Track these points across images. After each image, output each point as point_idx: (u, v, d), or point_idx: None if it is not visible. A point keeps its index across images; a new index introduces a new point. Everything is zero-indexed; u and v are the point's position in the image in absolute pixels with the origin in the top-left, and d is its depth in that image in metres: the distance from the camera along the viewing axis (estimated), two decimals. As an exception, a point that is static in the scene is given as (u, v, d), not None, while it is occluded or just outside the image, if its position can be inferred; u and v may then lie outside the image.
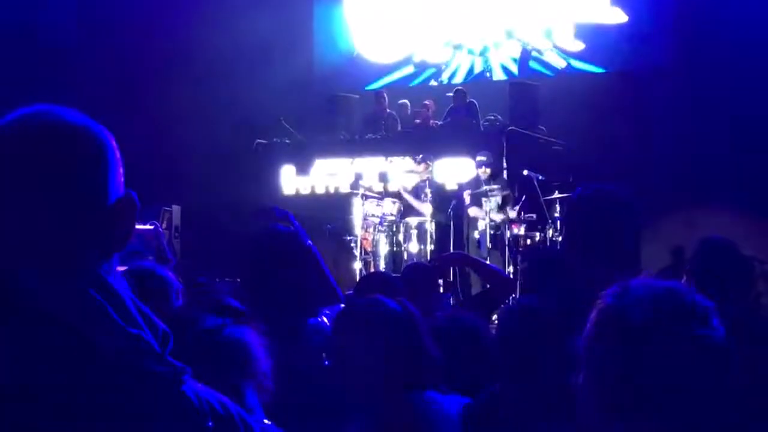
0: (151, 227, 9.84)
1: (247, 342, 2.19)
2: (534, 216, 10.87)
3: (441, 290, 7.45)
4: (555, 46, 14.27)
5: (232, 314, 2.26)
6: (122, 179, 1.39)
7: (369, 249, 11.18)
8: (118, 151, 1.39)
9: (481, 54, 14.92)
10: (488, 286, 5.00)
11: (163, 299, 3.13)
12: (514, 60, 14.69)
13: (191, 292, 3.42)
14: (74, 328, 1.24)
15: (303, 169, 13.34)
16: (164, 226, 11.10)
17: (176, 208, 12.02)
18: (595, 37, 13.88)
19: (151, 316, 1.35)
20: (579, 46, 14.06)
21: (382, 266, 10.84)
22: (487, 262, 10.28)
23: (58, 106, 1.37)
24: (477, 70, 14.99)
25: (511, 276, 9.21)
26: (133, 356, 1.27)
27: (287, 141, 13.66)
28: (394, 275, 5.60)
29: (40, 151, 1.31)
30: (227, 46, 13.43)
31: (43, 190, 1.29)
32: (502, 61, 14.79)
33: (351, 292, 4.76)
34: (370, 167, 12.96)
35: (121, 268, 3.20)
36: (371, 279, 5.19)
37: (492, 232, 10.89)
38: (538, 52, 14.46)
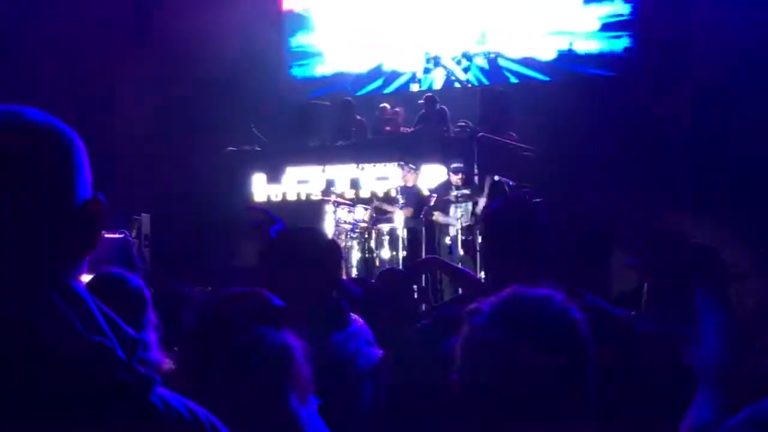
0: (121, 236, 9.78)
1: (290, 346, 2.17)
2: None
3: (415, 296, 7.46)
4: (527, 54, 14.34)
5: (274, 317, 2.24)
6: (90, 181, 1.36)
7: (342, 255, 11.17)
8: (85, 151, 1.36)
9: (453, 60, 14.96)
10: (460, 290, 5.03)
11: (135, 306, 3.11)
12: (484, 66, 14.74)
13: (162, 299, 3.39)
14: (35, 336, 1.21)
15: (274, 176, 13.31)
16: (134, 234, 11.03)
17: (146, 217, 11.94)
18: (566, 43, 13.98)
19: (119, 324, 1.32)
20: (550, 53, 14.13)
21: (354, 273, 10.82)
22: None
23: (23, 106, 1.34)
24: (447, 76, 15.03)
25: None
26: (96, 364, 1.23)
27: (258, 148, 13.62)
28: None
29: (7, 152, 1.27)
30: (199, 53, 13.37)
31: (6, 191, 1.25)
32: (472, 68, 14.83)
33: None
34: (341, 174, 12.96)
35: (88, 276, 3.18)
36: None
37: (463, 237, 10.91)
38: (509, 58, 14.52)
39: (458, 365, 1.77)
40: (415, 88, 15.04)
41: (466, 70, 14.82)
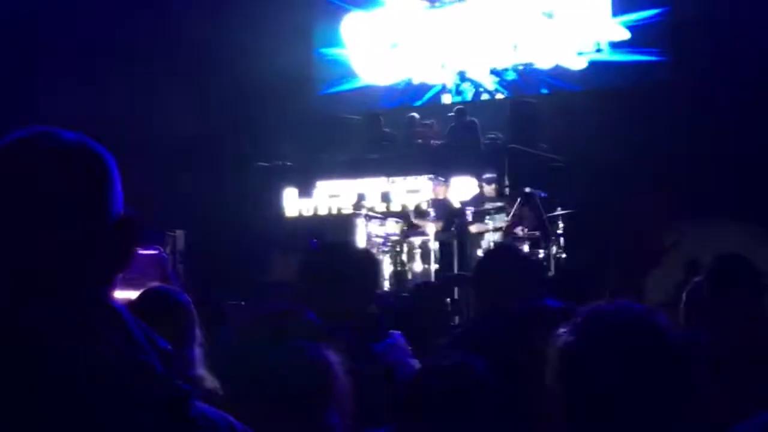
0: (156, 252, 9.86)
1: (329, 363, 2.19)
2: (537, 233, 10.88)
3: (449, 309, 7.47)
4: (557, 64, 14.30)
5: (312, 333, 2.26)
6: (122, 198, 1.38)
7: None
8: (117, 170, 1.38)
9: (482, 73, 14.96)
10: None
11: (181, 322, 3.13)
12: (514, 78, 14.72)
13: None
14: (73, 354, 1.22)
15: (305, 191, 13.36)
16: (168, 250, 11.11)
17: (180, 233, 12.04)
18: (596, 53, 13.94)
19: (156, 339, 1.34)
20: (581, 63, 14.09)
21: (386, 286, 10.83)
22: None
23: (54, 127, 1.36)
24: (476, 88, 15.03)
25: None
26: (135, 381, 1.25)
27: (289, 163, 13.68)
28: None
29: (40, 173, 1.30)
30: (231, 69, 13.48)
31: (44, 213, 1.28)
32: (501, 80, 14.82)
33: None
34: (372, 187, 12.98)
35: (135, 292, 3.23)
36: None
37: (496, 249, 10.86)
38: (539, 69, 14.49)
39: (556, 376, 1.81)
40: (447, 99, 15.04)
41: (496, 82, 14.82)
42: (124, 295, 3.20)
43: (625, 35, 13.71)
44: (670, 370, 1.73)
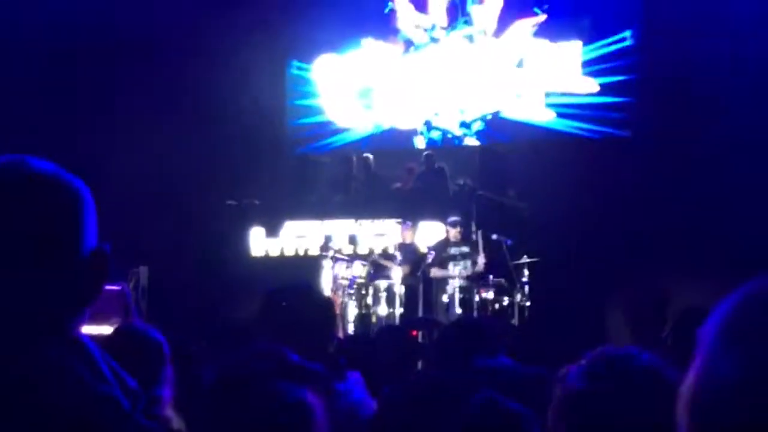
0: (118, 288, 9.76)
1: (311, 406, 2.17)
2: (503, 280, 10.92)
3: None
4: (527, 114, 14.46)
5: (298, 375, 2.25)
6: (96, 231, 1.37)
7: (338, 312, 11.14)
8: (92, 202, 1.37)
9: (452, 120, 15.07)
10: None
11: (154, 361, 3.10)
12: (483, 126, 14.84)
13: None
14: (39, 387, 1.22)
15: (272, 230, 13.32)
16: (132, 286, 11.02)
17: (144, 269, 11.94)
18: (565, 105, 14.11)
19: (123, 375, 1.33)
20: (550, 114, 14.25)
21: (350, 329, 10.79)
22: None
23: (28, 156, 1.34)
24: (443, 135, 15.14)
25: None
26: (100, 416, 1.23)
27: (257, 202, 13.65)
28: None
29: (14, 203, 1.28)
30: (201, 107, 13.47)
31: (13, 242, 1.26)
32: (472, 127, 14.94)
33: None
34: (339, 229, 12.97)
35: (96, 327, 3.19)
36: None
37: (461, 295, 10.89)
38: (508, 119, 14.64)
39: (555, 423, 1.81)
40: (419, 143, 15.13)
41: (466, 129, 14.95)
42: (85, 330, 3.16)
43: (594, 88, 13.90)
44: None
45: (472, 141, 14.77)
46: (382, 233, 12.58)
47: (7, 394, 1.20)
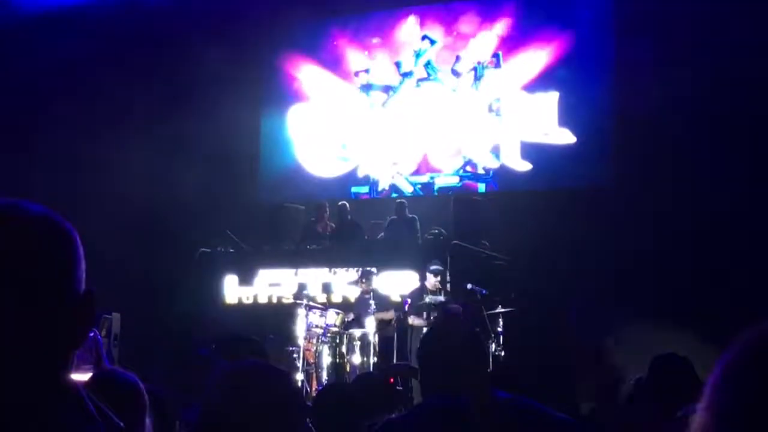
0: (91, 334, 9.67)
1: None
2: (477, 329, 10.89)
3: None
4: (502, 164, 14.61)
5: None
6: (84, 274, 1.37)
7: (312, 360, 11.08)
8: (80, 245, 1.37)
9: (427, 169, 15.19)
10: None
11: (133, 408, 3.06)
12: (458, 175, 14.97)
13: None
14: (28, 426, 1.22)
15: (246, 278, 13.26)
16: (103, 333, 10.92)
17: (116, 316, 11.85)
18: (541, 156, 14.27)
19: (109, 414, 1.34)
20: (526, 165, 14.39)
21: (324, 378, 10.72)
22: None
23: (19, 199, 1.34)
24: (421, 184, 15.24)
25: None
26: None
27: (231, 250, 13.61)
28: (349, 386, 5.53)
29: (6, 246, 1.28)
30: (173, 156, 13.47)
31: (9, 288, 1.26)
32: (446, 176, 15.05)
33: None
34: (313, 278, 12.94)
35: (80, 375, 3.16)
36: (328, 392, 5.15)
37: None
38: (483, 169, 14.78)
39: None
40: (405, 187, 15.25)
41: (440, 178, 15.07)
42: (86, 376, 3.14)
43: (571, 139, 14.06)
44: None
45: (446, 191, 14.89)
46: (355, 281, 12.54)
47: None
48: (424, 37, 15.58)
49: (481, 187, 14.70)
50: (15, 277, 1.27)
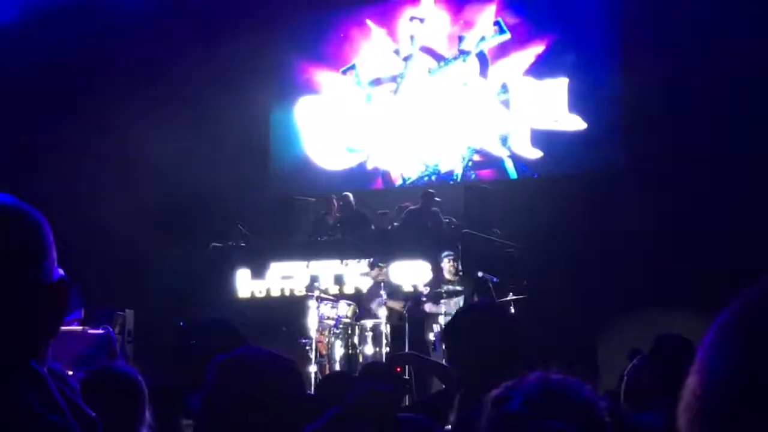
0: (104, 331, 9.72)
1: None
2: (513, 314, 10.89)
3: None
4: (513, 152, 14.56)
5: None
6: (55, 262, 1.36)
7: (324, 352, 11.10)
8: (51, 233, 1.36)
9: (438, 158, 15.16)
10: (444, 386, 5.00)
11: (131, 402, 3.08)
12: (469, 164, 14.94)
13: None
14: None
15: (258, 272, 13.29)
16: (117, 330, 10.95)
17: (129, 313, 11.87)
18: (551, 142, 14.21)
19: (81, 405, 1.34)
20: (536, 153, 14.35)
21: (337, 369, 10.73)
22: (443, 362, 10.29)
23: None
24: (432, 174, 15.22)
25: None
26: None
27: (242, 244, 13.64)
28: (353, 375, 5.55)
29: None
30: (186, 150, 13.49)
31: None
32: (457, 164, 15.02)
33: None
34: (325, 270, 12.97)
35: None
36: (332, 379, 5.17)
37: (448, 334, 10.81)
38: (494, 156, 14.74)
39: None
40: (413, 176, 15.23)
41: (452, 167, 15.04)
42: (71, 373, 3.15)
43: (581, 125, 14.01)
44: None
45: (458, 180, 14.88)
46: (367, 272, 12.55)
47: None
48: (411, 18, 15.55)
49: (512, 173, 14.56)
50: None
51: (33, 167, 12.88)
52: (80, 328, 9.60)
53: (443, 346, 10.72)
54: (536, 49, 14.57)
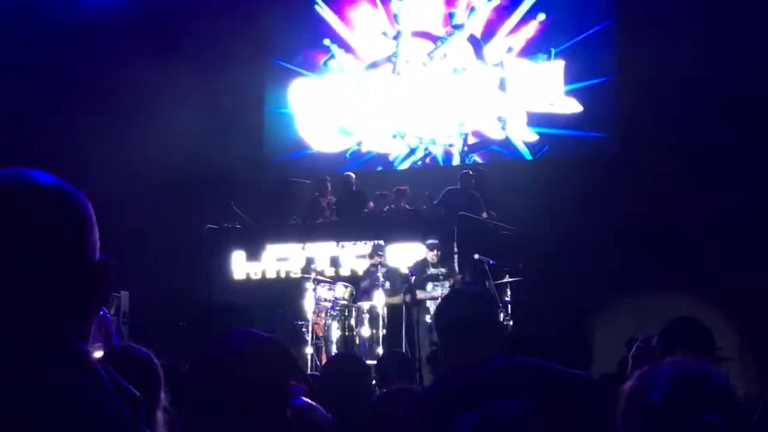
0: (100, 313, 9.69)
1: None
2: (492, 295, 10.90)
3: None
4: (508, 135, 14.54)
5: None
6: (98, 243, 1.38)
7: (321, 334, 11.11)
8: (93, 214, 1.38)
9: (433, 141, 15.13)
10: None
11: (145, 383, 3.06)
12: (465, 148, 14.92)
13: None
14: (41, 395, 1.22)
15: (254, 254, 13.26)
16: (113, 311, 10.95)
17: (125, 294, 11.88)
18: (548, 125, 14.21)
19: (124, 384, 1.36)
20: (533, 136, 14.33)
21: (333, 351, 10.74)
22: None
23: (31, 169, 1.35)
24: (427, 156, 15.20)
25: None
26: (100, 423, 1.24)
27: (238, 226, 13.61)
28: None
29: (17, 215, 1.28)
30: (180, 131, 13.43)
31: (18, 254, 1.27)
32: (453, 147, 15.00)
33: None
34: (321, 252, 12.95)
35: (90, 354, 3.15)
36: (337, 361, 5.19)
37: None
38: (490, 139, 14.72)
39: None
40: (405, 165, 15.18)
41: (447, 150, 15.01)
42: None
43: (577, 108, 13.99)
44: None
45: (454, 163, 14.86)
46: (363, 255, 12.54)
47: (7, 407, 1.20)
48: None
49: (527, 154, 14.52)
50: (25, 244, 1.28)
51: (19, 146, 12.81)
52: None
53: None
54: (529, 30, 14.52)
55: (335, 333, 11.04)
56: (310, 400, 3.26)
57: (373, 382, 5.20)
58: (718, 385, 1.71)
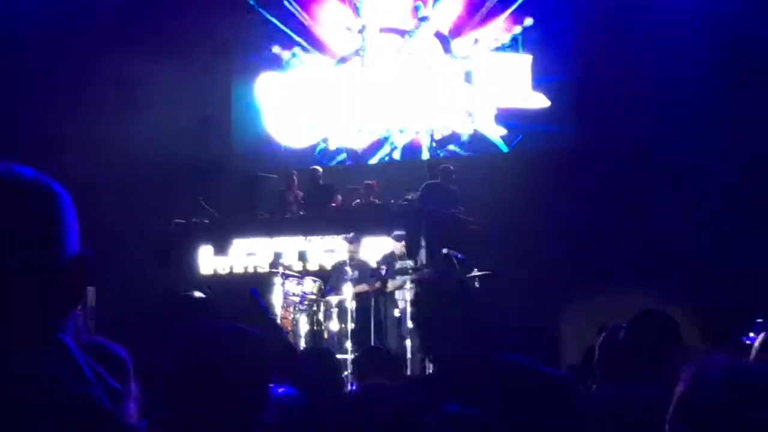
0: (80, 304, 9.62)
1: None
2: (465, 282, 10.92)
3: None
4: (475, 130, 14.60)
5: None
6: (77, 236, 1.38)
7: (289, 328, 11.08)
8: (73, 208, 1.38)
9: (400, 135, 15.16)
10: None
11: (116, 376, 3.04)
12: (432, 141, 14.95)
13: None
14: (22, 387, 1.23)
15: (221, 248, 13.20)
16: (79, 307, 10.85)
17: (91, 290, 11.76)
18: (516, 120, 14.28)
19: (105, 376, 1.36)
20: (500, 130, 14.39)
21: (302, 345, 10.73)
22: (408, 341, 10.36)
23: (7, 162, 1.35)
24: (394, 150, 15.22)
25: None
26: (81, 415, 1.25)
27: (205, 221, 13.54)
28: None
29: None
30: (148, 125, 13.36)
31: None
32: (422, 141, 15.03)
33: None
34: (289, 246, 12.91)
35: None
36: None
37: (412, 309, 10.82)
38: (457, 134, 14.77)
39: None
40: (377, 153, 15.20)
41: (413, 144, 15.03)
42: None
43: (545, 103, 14.07)
44: None
45: (421, 157, 14.90)
46: (330, 249, 12.54)
47: None
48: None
49: (503, 146, 14.55)
50: (2, 237, 1.28)
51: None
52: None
53: (408, 322, 10.76)
54: (497, 25, 14.59)
55: (304, 327, 11.03)
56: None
57: (345, 374, 5.25)
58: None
